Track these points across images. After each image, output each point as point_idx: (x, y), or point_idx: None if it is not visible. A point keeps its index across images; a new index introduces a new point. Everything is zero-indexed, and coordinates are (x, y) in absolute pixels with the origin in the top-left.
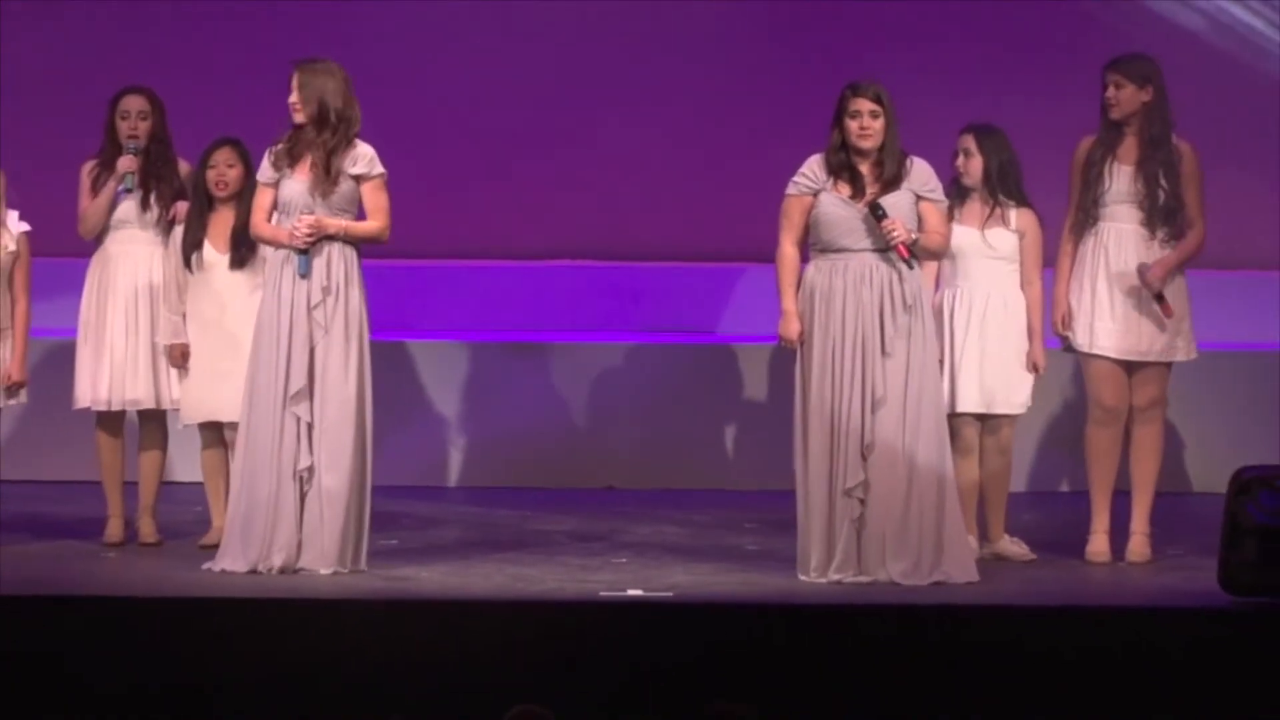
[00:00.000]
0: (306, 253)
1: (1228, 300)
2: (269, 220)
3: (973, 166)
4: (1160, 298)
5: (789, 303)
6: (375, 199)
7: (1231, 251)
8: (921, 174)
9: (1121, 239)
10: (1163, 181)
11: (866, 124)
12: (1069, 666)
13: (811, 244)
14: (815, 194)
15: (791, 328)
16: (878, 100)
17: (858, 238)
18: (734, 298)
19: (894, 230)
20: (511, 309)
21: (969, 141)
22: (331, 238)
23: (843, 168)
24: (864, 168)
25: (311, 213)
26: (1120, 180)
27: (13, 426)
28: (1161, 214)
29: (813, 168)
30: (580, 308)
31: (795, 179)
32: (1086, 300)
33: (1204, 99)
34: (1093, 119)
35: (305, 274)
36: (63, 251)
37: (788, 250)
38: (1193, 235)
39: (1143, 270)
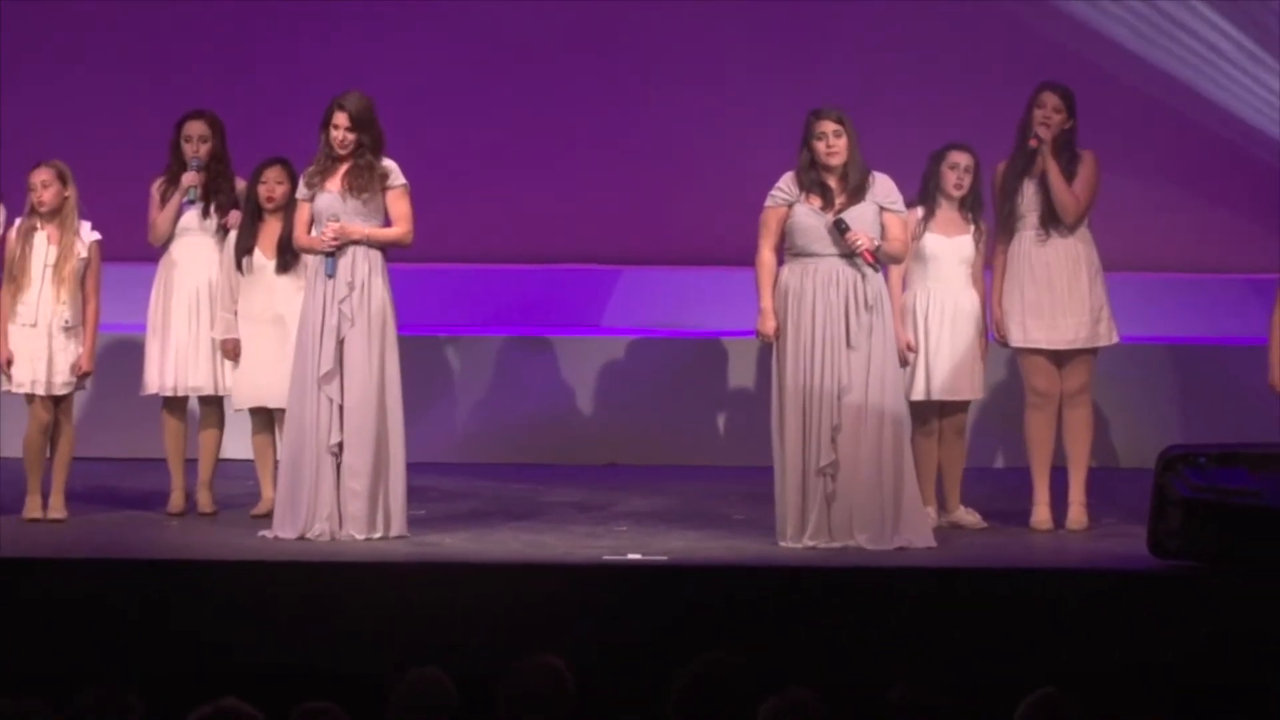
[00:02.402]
0: (333, 255)
1: (1153, 298)
2: (308, 232)
3: (967, 182)
4: (1037, 139)
5: (766, 302)
6: (398, 207)
7: (1152, 255)
8: (884, 187)
9: (1039, 246)
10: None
11: (832, 143)
12: (1017, 622)
13: (786, 249)
14: (789, 205)
15: (768, 324)
16: (840, 121)
17: (826, 244)
18: (721, 297)
19: (858, 240)
20: (526, 308)
21: (971, 160)
22: (356, 242)
23: (813, 184)
24: (831, 181)
25: (338, 220)
26: (1032, 192)
27: (87, 410)
28: (1051, 216)
29: (787, 182)
30: (586, 306)
31: (772, 192)
32: (1017, 301)
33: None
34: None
35: (331, 274)
36: (128, 257)
37: (765, 255)
38: (1071, 193)
39: (1041, 135)
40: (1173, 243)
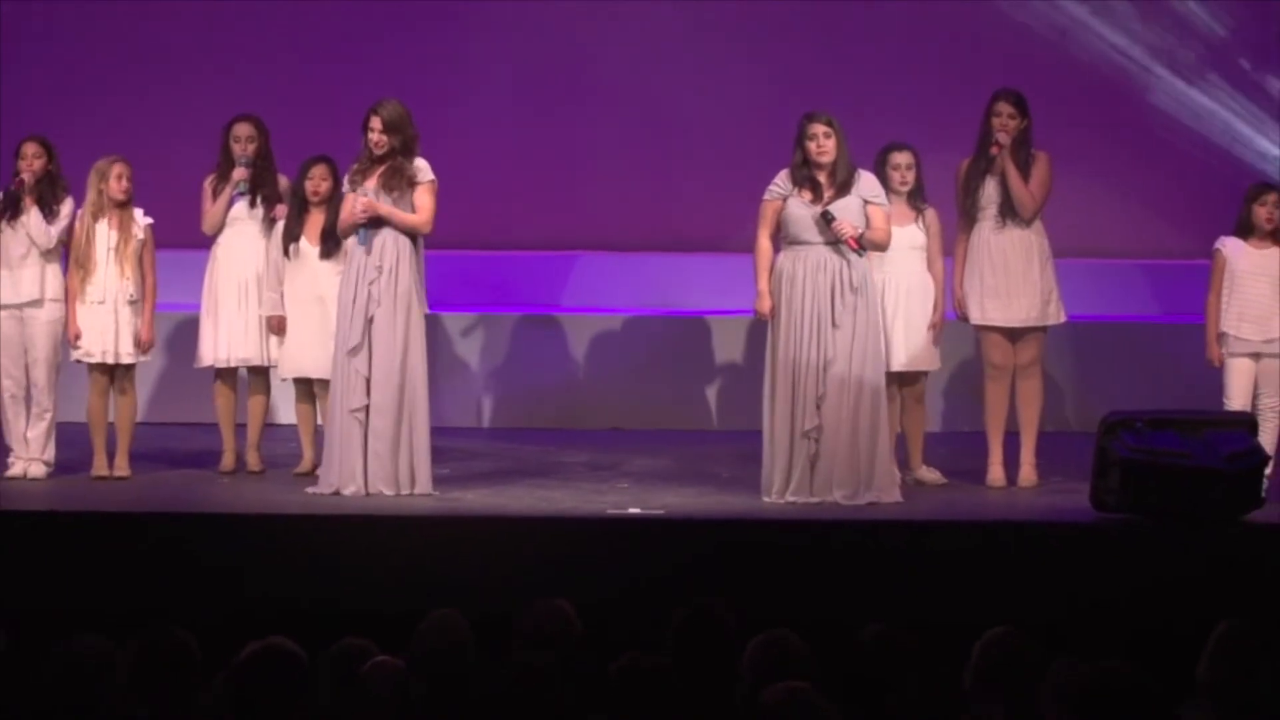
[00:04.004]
0: (365, 227)
1: (1096, 282)
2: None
3: (911, 178)
4: (998, 144)
5: (762, 285)
6: (422, 199)
7: (1097, 243)
8: (869, 183)
9: (997, 235)
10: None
11: (822, 144)
12: (974, 568)
13: (782, 238)
14: (783, 199)
15: (764, 305)
16: (829, 124)
17: (816, 233)
18: (711, 281)
19: (842, 229)
20: (538, 290)
21: (911, 158)
22: (381, 222)
23: (804, 179)
24: (821, 177)
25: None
26: (991, 188)
27: (148, 379)
28: (1009, 209)
29: (782, 178)
30: (591, 289)
31: (769, 187)
32: (976, 284)
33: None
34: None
35: (363, 243)
36: (178, 244)
37: (763, 243)
38: (1028, 191)
39: (1001, 141)
40: (1115, 232)
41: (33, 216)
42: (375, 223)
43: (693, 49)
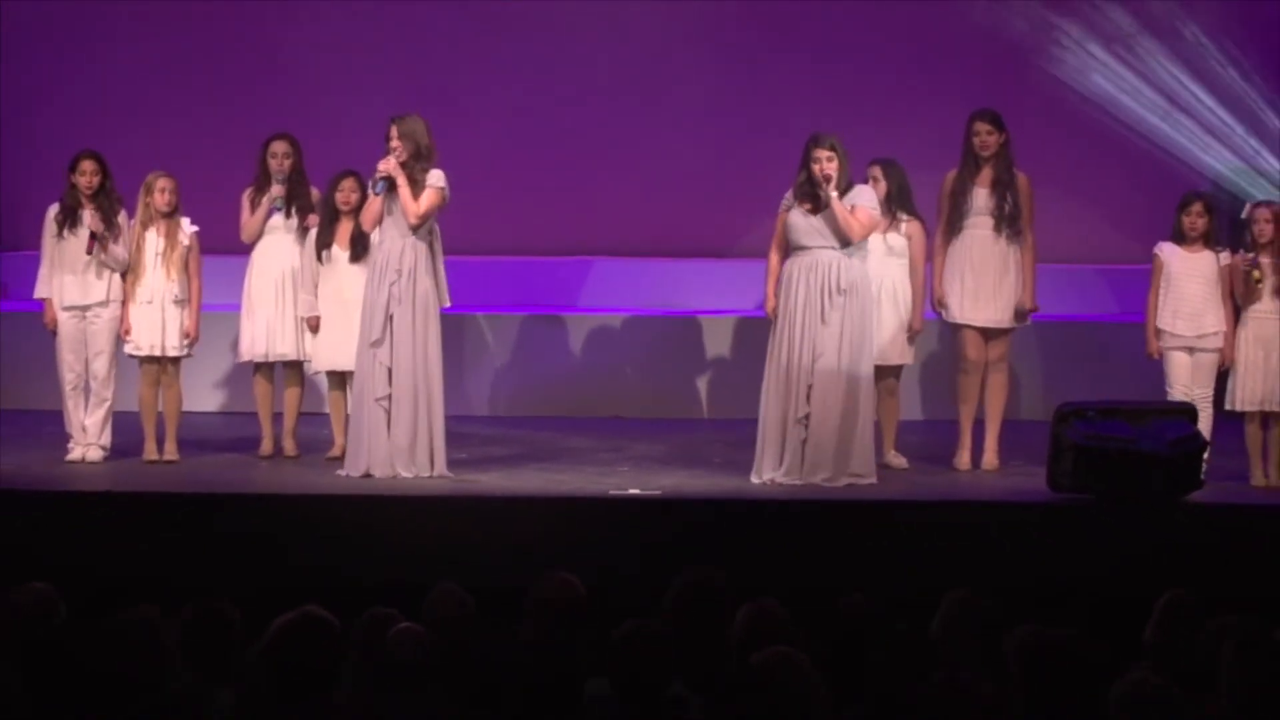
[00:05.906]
0: (384, 180)
1: (1054, 286)
2: (372, 219)
3: (879, 189)
4: (1033, 309)
5: (767, 289)
6: (424, 198)
7: (1057, 249)
8: (863, 192)
9: (980, 242)
10: (1007, 197)
11: (825, 166)
12: (941, 543)
13: (789, 246)
14: (788, 211)
15: (769, 305)
16: (833, 148)
17: (813, 239)
18: (704, 284)
19: (827, 173)
20: (548, 291)
21: (876, 171)
22: (394, 205)
23: (806, 195)
24: (822, 193)
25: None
26: (978, 200)
27: (193, 372)
28: (1007, 220)
29: (788, 195)
30: (595, 290)
31: (781, 204)
32: (956, 286)
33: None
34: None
35: (378, 192)
36: (219, 249)
37: (770, 254)
38: (1029, 250)
39: (1020, 311)
40: (1074, 239)
41: (110, 249)
42: (391, 196)
43: (697, 70)
